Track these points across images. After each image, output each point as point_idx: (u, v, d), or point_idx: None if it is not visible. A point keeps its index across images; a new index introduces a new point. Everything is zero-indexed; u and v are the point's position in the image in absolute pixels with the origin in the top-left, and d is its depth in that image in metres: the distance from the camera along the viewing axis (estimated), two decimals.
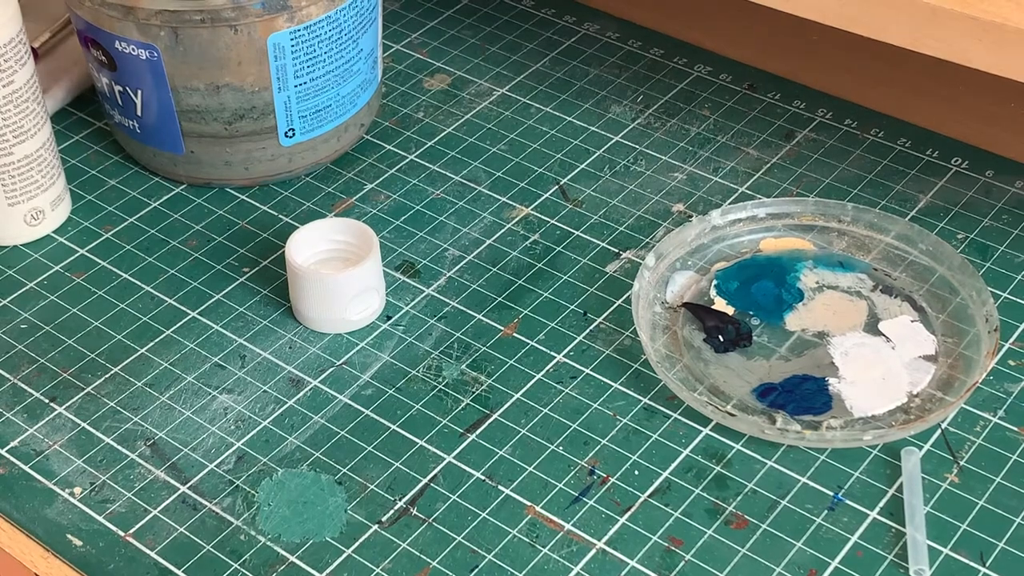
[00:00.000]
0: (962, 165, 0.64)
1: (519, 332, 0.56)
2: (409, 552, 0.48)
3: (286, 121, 0.61)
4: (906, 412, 0.51)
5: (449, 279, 0.59)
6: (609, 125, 0.67)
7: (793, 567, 0.47)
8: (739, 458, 0.51)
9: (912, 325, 0.55)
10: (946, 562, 0.47)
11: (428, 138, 0.67)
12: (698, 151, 0.65)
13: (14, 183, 0.59)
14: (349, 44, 0.61)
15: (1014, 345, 0.55)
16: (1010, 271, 0.58)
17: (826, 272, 0.57)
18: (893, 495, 0.49)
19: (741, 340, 0.55)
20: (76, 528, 0.49)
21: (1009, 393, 0.53)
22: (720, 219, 0.59)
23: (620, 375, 0.54)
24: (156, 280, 0.59)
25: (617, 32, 0.74)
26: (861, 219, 0.59)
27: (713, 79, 0.70)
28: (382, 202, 0.63)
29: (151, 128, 0.62)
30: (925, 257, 0.57)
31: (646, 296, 0.56)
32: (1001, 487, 0.49)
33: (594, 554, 0.48)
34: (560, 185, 0.64)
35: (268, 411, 0.53)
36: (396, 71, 0.72)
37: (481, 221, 0.62)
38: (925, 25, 0.54)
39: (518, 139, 0.67)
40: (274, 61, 0.59)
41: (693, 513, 0.49)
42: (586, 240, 0.61)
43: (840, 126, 0.66)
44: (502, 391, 0.53)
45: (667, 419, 0.52)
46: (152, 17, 0.57)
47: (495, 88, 0.70)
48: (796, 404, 0.52)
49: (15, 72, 0.57)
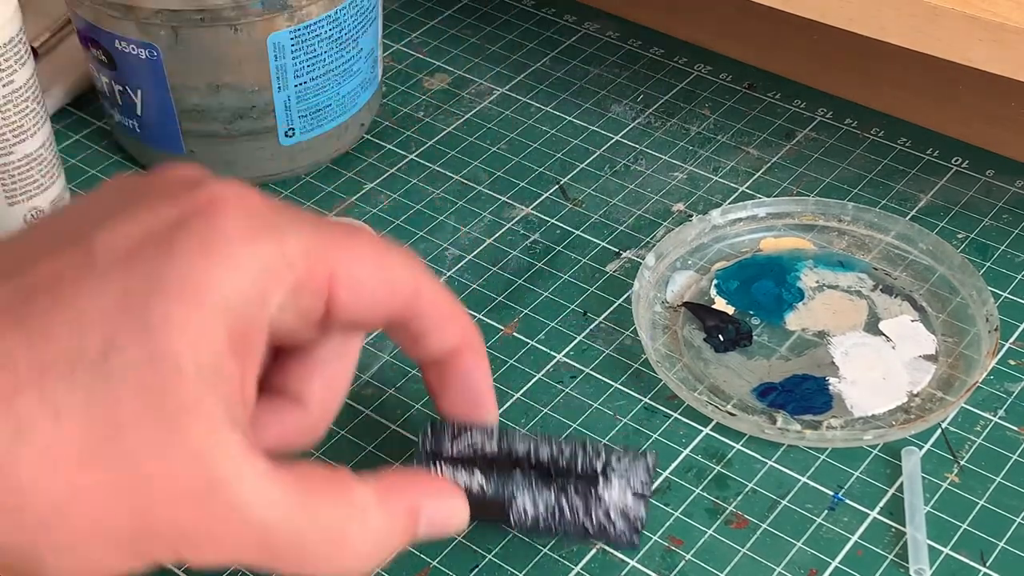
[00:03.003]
0: (962, 165, 0.64)
1: (519, 332, 0.56)
2: (409, 552, 0.48)
3: (286, 120, 0.61)
4: (906, 412, 0.51)
5: (449, 279, 0.59)
6: (609, 124, 0.67)
7: (793, 567, 0.47)
8: (739, 458, 0.51)
9: (912, 325, 0.55)
10: (946, 562, 0.47)
11: (428, 138, 0.67)
12: (698, 150, 0.65)
13: (14, 183, 0.59)
14: (349, 43, 0.61)
15: (1014, 345, 0.55)
16: (1010, 271, 0.58)
17: (826, 272, 0.57)
18: (893, 495, 0.49)
19: (741, 340, 0.55)
20: None
21: (1009, 393, 0.53)
22: (720, 219, 0.59)
23: (620, 375, 0.54)
24: None
25: (617, 31, 0.74)
26: (861, 219, 0.59)
27: (713, 79, 0.70)
28: (382, 202, 0.63)
29: (151, 128, 0.62)
30: (925, 257, 0.57)
31: (646, 296, 0.56)
32: (1001, 487, 0.49)
33: (594, 554, 0.48)
34: (560, 185, 0.64)
35: None
36: (396, 71, 0.72)
37: (481, 221, 0.62)
38: (925, 25, 0.54)
39: (518, 139, 0.67)
40: (274, 61, 0.59)
41: (693, 513, 0.49)
42: (586, 240, 0.61)
43: (840, 126, 0.66)
44: (502, 391, 0.53)
45: (667, 419, 0.52)
46: (152, 16, 0.57)
47: (495, 87, 0.70)
48: (796, 404, 0.52)
49: (15, 72, 0.57)
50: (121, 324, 0.34)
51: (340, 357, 0.43)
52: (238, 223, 0.36)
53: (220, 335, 0.35)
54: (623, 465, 0.45)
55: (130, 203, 0.37)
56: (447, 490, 0.42)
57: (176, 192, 0.37)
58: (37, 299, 0.35)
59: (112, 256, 0.35)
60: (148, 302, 0.34)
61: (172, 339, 0.34)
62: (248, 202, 0.37)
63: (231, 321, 0.35)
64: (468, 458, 0.44)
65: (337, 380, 0.43)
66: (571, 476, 0.44)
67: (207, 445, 0.35)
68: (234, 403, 0.36)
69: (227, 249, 0.36)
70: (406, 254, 0.41)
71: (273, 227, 0.37)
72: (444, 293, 0.42)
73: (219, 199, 0.37)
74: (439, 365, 0.44)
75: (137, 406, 0.34)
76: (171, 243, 0.35)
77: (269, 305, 0.37)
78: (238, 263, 0.36)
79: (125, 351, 0.34)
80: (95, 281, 0.35)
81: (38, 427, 0.33)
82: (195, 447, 0.34)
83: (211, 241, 0.36)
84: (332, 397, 0.43)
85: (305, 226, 0.38)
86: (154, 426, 0.34)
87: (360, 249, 0.39)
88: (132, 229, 0.36)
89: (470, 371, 0.44)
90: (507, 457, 0.44)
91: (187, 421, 0.34)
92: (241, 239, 0.36)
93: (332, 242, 0.38)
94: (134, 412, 0.34)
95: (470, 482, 0.44)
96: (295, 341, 0.41)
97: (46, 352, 0.34)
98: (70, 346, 0.34)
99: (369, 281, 0.39)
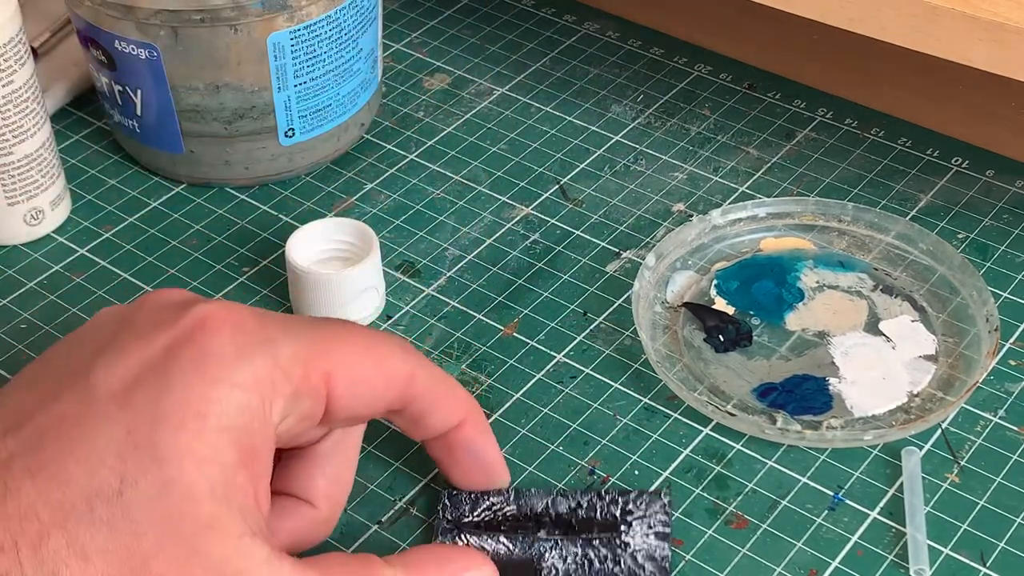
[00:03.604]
0: (962, 165, 0.64)
1: (519, 332, 0.56)
2: None
3: (286, 121, 0.61)
4: (906, 412, 0.51)
5: (449, 279, 0.59)
6: (609, 124, 0.67)
7: (793, 567, 0.47)
8: (739, 458, 0.51)
9: (912, 325, 0.55)
10: (946, 562, 0.47)
11: (428, 138, 0.67)
12: (698, 151, 0.65)
13: (14, 183, 0.59)
14: (349, 44, 0.61)
15: (1014, 345, 0.55)
16: (1010, 271, 0.58)
17: (826, 272, 0.57)
18: (893, 495, 0.49)
19: (741, 340, 0.55)
20: None
21: (1009, 393, 0.53)
22: (720, 219, 0.59)
23: (620, 375, 0.54)
24: (156, 280, 0.59)
25: (617, 31, 0.74)
26: (861, 219, 0.59)
27: (713, 79, 0.70)
28: (382, 202, 0.63)
29: (151, 128, 0.62)
30: (925, 257, 0.57)
31: (646, 296, 0.56)
32: (1001, 487, 0.49)
33: None
34: (560, 185, 0.64)
35: None
36: (396, 71, 0.72)
37: (481, 221, 0.62)
38: (925, 25, 0.54)
39: (518, 139, 0.67)
40: (274, 61, 0.59)
41: (693, 513, 0.49)
42: (586, 240, 0.61)
43: (840, 126, 0.66)
44: (502, 391, 0.53)
45: (667, 419, 0.52)
46: (152, 17, 0.57)
47: (495, 88, 0.70)
48: (796, 404, 0.52)
49: (15, 72, 0.57)
50: (131, 458, 0.35)
51: (342, 451, 0.44)
52: (229, 341, 0.37)
53: (227, 452, 0.36)
54: (640, 508, 0.47)
55: (121, 334, 0.38)
56: (475, 560, 0.43)
57: (165, 318, 0.38)
58: (46, 446, 0.36)
59: (111, 392, 0.37)
60: (153, 434, 0.36)
61: (183, 466, 0.36)
62: (237, 318, 0.38)
63: (236, 437, 0.37)
64: (490, 523, 0.46)
65: (341, 474, 0.45)
66: (593, 527, 0.46)
67: (231, 554, 0.36)
68: (250, 512, 0.37)
69: (221, 370, 0.37)
70: (397, 342, 0.43)
71: (264, 340, 0.38)
72: (439, 374, 0.44)
73: (208, 319, 0.38)
74: (444, 441, 0.45)
75: (159, 535, 0.35)
76: (167, 371, 0.37)
77: (271, 416, 0.38)
78: (235, 381, 0.37)
79: (138, 484, 0.35)
80: (99, 420, 0.36)
81: (71, 569, 0.34)
82: (219, 558, 0.35)
83: (205, 364, 0.37)
84: (339, 491, 0.45)
85: (296, 332, 0.39)
86: (177, 550, 0.35)
87: (352, 346, 0.41)
88: (127, 362, 0.37)
89: (474, 442, 0.46)
90: (527, 516, 0.46)
91: (209, 537, 0.35)
92: (234, 356, 0.37)
93: (324, 344, 0.40)
94: (156, 541, 0.35)
95: (496, 547, 0.45)
96: (298, 443, 0.42)
97: (64, 496, 0.35)
98: (86, 486, 0.35)
99: (365, 376, 0.41)
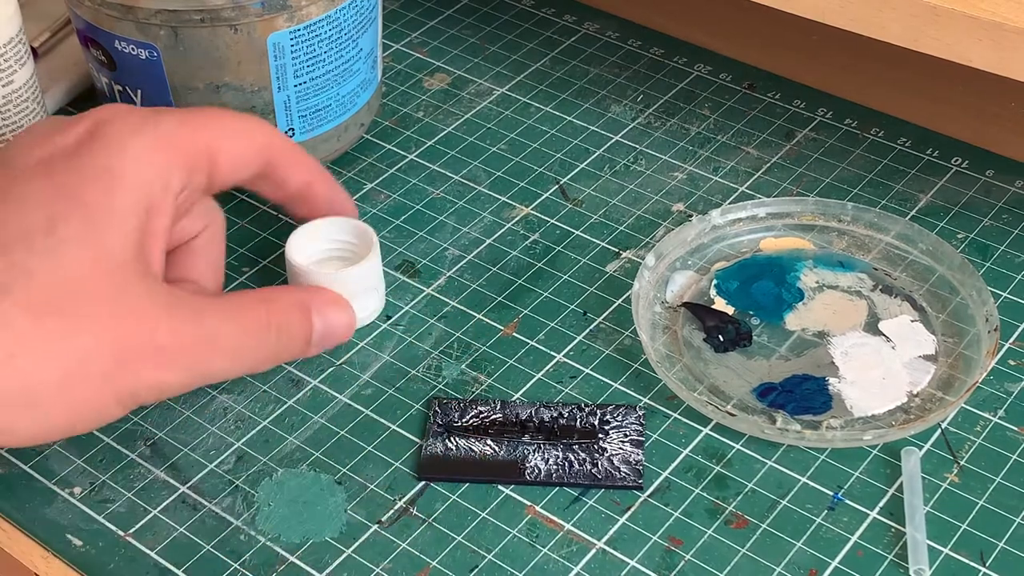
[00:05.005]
0: (962, 165, 0.64)
1: (519, 332, 0.56)
2: (409, 552, 0.48)
3: (286, 121, 0.61)
4: (906, 412, 0.51)
5: (449, 279, 0.59)
6: (609, 124, 0.67)
7: (793, 567, 0.47)
8: (739, 458, 0.51)
9: (912, 325, 0.55)
10: (946, 562, 0.47)
11: (428, 138, 0.67)
12: (698, 150, 0.65)
13: None
14: (349, 44, 0.61)
15: (1014, 345, 0.55)
16: (1010, 271, 0.58)
17: (826, 272, 0.57)
18: (893, 495, 0.49)
19: (741, 340, 0.55)
20: (76, 528, 0.49)
21: (1009, 393, 0.53)
22: (720, 219, 0.59)
23: (620, 375, 0.54)
24: None
25: (617, 31, 0.74)
26: (861, 219, 0.59)
27: (713, 79, 0.70)
28: (382, 202, 0.63)
29: None
30: (925, 257, 0.57)
31: (646, 296, 0.56)
32: (1001, 487, 0.49)
33: (594, 554, 0.48)
34: (560, 185, 0.64)
35: (268, 411, 0.53)
36: (396, 71, 0.72)
37: (481, 221, 0.62)
38: (925, 25, 0.54)
39: (518, 139, 0.67)
40: (274, 61, 0.59)
41: (693, 513, 0.49)
42: (586, 240, 0.61)
43: (840, 126, 0.66)
44: (502, 391, 0.53)
45: (667, 419, 0.52)
46: (152, 17, 0.57)
47: (495, 87, 0.70)
48: (796, 404, 0.52)
49: (15, 72, 0.57)
50: (59, 205, 0.44)
51: (215, 241, 0.53)
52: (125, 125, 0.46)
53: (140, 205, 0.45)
54: (617, 419, 0.51)
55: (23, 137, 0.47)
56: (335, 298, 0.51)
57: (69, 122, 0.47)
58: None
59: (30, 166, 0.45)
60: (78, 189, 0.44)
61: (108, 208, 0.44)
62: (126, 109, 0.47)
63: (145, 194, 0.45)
64: (477, 427, 0.51)
65: (217, 259, 0.53)
66: (573, 433, 0.51)
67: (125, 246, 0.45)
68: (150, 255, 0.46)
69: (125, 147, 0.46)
70: (255, 118, 0.53)
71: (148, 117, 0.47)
72: (290, 142, 0.53)
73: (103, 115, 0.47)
74: (301, 199, 0.54)
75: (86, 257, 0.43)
76: (78, 152, 0.45)
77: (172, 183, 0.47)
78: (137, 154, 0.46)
79: (69, 221, 0.43)
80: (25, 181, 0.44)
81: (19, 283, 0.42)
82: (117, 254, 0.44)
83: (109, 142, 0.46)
84: (219, 272, 0.53)
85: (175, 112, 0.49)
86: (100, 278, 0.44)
87: (223, 121, 0.49)
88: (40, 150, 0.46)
89: (327, 193, 0.54)
90: (513, 423, 0.51)
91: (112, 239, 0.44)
92: (130, 132, 0.46)
93: (202, 119, 0.48)
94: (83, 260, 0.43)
95: (483, 448, 0.50)
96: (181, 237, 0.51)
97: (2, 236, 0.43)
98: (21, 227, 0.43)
99: (238, 147, 0.50)
